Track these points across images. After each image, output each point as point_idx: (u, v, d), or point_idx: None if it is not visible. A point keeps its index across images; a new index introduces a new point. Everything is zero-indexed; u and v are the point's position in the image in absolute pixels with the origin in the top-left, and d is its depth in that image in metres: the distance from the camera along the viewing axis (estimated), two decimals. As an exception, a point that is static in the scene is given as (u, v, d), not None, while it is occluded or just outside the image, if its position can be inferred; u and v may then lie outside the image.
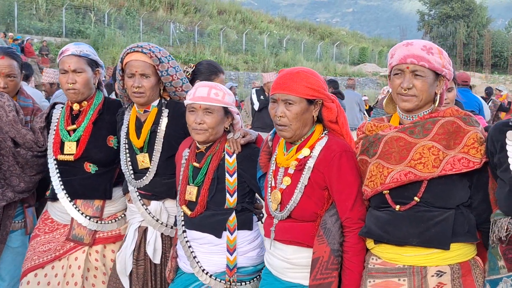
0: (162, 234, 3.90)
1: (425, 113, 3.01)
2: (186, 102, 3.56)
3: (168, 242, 3.91)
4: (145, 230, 3.91)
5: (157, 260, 3.87)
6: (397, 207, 2.95)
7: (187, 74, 4.97)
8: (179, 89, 3.92)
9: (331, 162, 3.11)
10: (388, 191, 2.98)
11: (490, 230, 2.87)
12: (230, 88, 16.72)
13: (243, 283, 3.53)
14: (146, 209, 3.87)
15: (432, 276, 2.91)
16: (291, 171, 3.22)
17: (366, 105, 20.22)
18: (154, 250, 3.86)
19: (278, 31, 51.60)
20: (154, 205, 3.88)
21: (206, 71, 4.69)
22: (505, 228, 2.77)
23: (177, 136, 3.84)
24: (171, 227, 3.89)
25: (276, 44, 47.56)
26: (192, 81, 5.02)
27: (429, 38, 57.34)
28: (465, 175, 2.91)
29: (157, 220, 3.87)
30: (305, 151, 3.19)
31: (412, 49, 2.93)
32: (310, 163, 3.16)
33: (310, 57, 46.69)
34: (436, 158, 2.89)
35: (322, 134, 3.24)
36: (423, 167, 2.89)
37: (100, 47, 31.46)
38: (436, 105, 3.02)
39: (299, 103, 3.12)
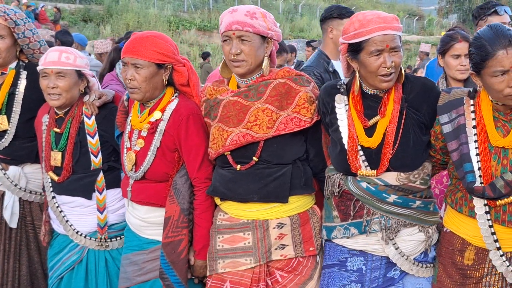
0: (20, 198, 3.91)
1: (257, 75, 3.15)
2: (38, 68, 3.54)
3: (28, 207, 3.95)
4: (2, 194, 3.92)
5: (13, 224, 3.91)
6: (238, 167, 3.13)
7: None
8: (36, 51, 3.89)
9: (179, 125, 3.23)
10: (229, 152, 3.14)
11: (325, 184, 3.12)
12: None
13: (118, 238, 3.65)
14: (4, 174, 3.87)
15: (274, 228, 3.14)
16: (144, 133, 3.31)
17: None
18: (11, 214, 3.88)
19: (294, -4, 50.97)
20: (13, 170, 3.89)
21: None
22: (338, 184, 3.03)
23: (36, 98, 3.78)
24: (30, 192, 3.91)
25: (291, 10, 46.62)
26: None
27: (445, 2, 56.38)
28: (299, 132, 3.10)
29: (15, 185, 3.88)
30: (156, 114, 3.28)
31: (236, 16, 3.04)
32: (162, 126, 3.27)
33: (326, 23, 45.97)
34: (270, 119, 3.06)
35: (173, 96, 3.33)
36: (259, 129, 3.07)
37: (114, 14, 30.62)
38: (268, 67, 3.14)
39: (147, 67, 3.18)
